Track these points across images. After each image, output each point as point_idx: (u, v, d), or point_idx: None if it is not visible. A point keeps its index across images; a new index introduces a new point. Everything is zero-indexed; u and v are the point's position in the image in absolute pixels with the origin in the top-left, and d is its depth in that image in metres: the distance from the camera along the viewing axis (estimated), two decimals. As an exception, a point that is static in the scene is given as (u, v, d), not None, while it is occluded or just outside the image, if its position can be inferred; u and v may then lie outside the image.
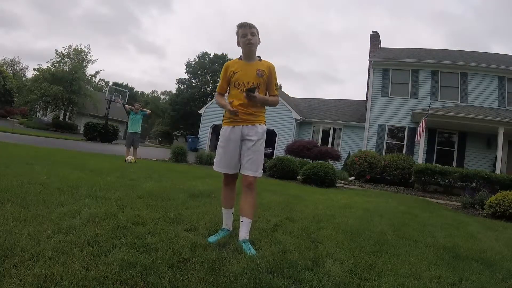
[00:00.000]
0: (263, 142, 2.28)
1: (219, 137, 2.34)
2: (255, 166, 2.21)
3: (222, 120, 2.36)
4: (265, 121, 2.34)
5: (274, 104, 2.37)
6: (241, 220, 2.19)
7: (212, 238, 2.14)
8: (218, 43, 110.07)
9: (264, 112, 2.35)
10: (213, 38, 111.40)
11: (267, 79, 2.30)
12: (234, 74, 2.26)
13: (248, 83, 2.23)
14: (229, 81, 2.31)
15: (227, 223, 2.36)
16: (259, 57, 2.35)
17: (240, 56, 2.35)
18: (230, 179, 2.36)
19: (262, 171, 2.29)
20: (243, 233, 2.15)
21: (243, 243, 2.07)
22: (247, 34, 2.24)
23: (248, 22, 2.26)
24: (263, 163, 2.38)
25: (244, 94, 2.16)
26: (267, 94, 2.36)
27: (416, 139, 11.38)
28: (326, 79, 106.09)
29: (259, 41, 2.31)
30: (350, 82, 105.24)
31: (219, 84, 2.40)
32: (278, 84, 2.52)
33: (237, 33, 2.29)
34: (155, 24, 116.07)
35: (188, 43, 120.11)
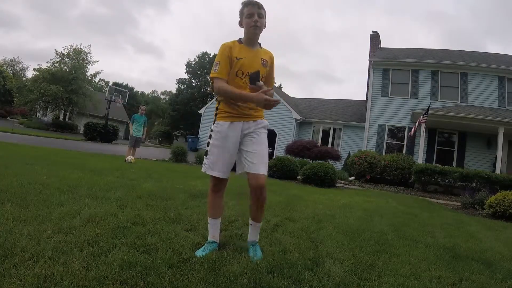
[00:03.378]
0: (266, 137, 2.03)
1: (212, 133, 1.99)
2: (265, 163, 1.93)
3: (215, 114, 2.03)
4: (263, 116, 2.07)
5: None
6: (250, 223, 2.03)
7: (199, 253, 1.85)
8: (215, 43, 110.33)
9: None
10: (210, 39, 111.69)
11: (268, 70, 2.05)
12: (237, 61, 1.92)
13: None
14: (231, 67, 1.94)
15: (214, 234, 2.02)
16: (259, 43, 2.06)
17: (240, 38, 2.02)
18: (222, 184, 2.01)
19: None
20: (254, 236, 2.03)
21: (251, 246, 1.99)
22: (253, 14, 1.91)
23: (257, 1, 1.94)
24: None
25: (248, 84, 1.86)
26: None
27: (409, 134, 11.39)
28: (326, 79, 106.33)
29: (265, 26, 1.99)
30: (350, 82, 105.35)
31: (219, 68, 1.91)
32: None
33: (242, 11, 1.96)
34: (153, 25, 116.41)
35: (185, 43, 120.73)
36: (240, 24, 2.00)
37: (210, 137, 2.02)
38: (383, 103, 14.38)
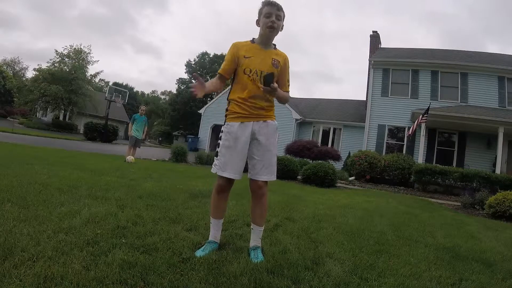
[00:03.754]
0: (276, 141, 2.03)
1: (222, 134, 2.00)
2: (271, 170, 1.97)
3: (225, 115, 2.03)
4: (275, 117, 2.07)
5: (286, 101, 2.07)
6: (252, 227, 2.03)
7: (199, 252, 1.85)
8: (214, 43, 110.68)
9: (273, 106, 2.07)
10: (210, 39, 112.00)
11: (280, 71, 2.03)
12: (245, 59, 1.95)
13: (261, 73, 1.93)
14: (236, 66, 1.98)
15: (215, 235, 2.02)
16: (275, 44, 2.06)
17: (253, 38, 2.04)
18: (228, 186, 2.02)
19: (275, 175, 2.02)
20: (255, 240, 2.01)
21: (252, 250, 1.96)
22: (271, 15, 1.91)
23: (277, 2, 1.94)
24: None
25: (262, 85, 1.85)
26: None
27: (408, 134, 11.37)
28: (325, 79, 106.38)
29: (282, 29, 2.00)
30: (349, 82, 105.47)
31: (223, 64, 2.01)
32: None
33: (261, 10, 1.96)
34: (152, 25, 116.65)
35: (185, 43, 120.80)
36: (257, 23, 2.00)
37: (220, 138, 2.02)
38: (383, 103, 14.38)
